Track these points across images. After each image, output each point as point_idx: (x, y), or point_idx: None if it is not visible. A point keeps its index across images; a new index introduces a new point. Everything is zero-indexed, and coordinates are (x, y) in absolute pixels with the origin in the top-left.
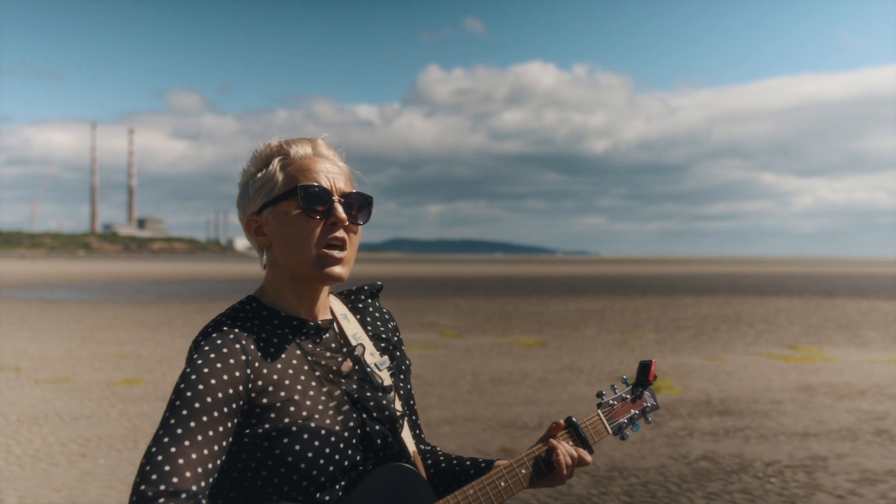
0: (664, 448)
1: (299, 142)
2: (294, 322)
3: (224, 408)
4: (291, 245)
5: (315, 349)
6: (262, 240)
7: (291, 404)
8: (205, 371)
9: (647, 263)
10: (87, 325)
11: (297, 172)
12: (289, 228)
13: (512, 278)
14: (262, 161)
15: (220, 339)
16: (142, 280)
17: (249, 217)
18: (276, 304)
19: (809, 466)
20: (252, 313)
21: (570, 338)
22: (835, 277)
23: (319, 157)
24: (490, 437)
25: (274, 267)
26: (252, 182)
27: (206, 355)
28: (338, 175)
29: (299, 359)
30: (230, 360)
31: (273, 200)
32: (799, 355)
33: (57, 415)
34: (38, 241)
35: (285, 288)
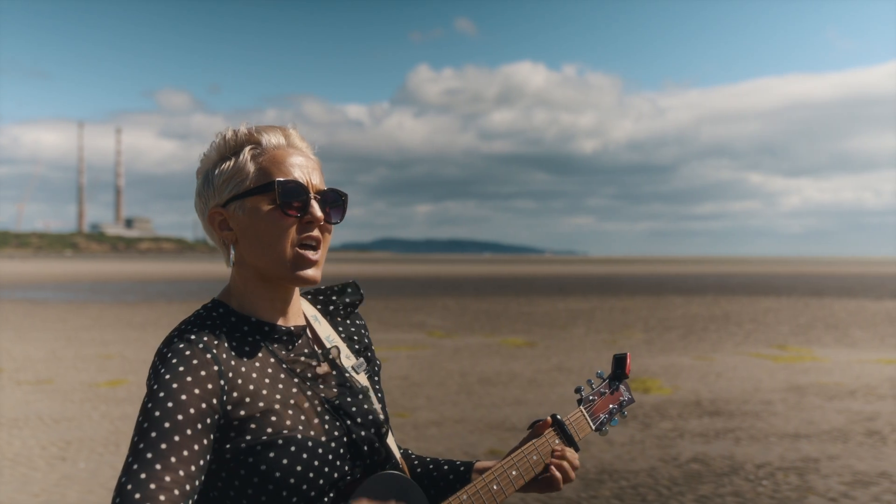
0: (654, 450)
1: (270, 130)
2: (265, 328)
3: (198, 424)
4: (263, 243)
5: (289, 355)
6: (227, 234)
7: (272, 415)
8: (174, 386)
9: (636, 263)
10: (71, 325)
11: (270, 165)
12: (260, 225)
13: (501, 278)
14: (229, 149)
15: (189, 350)
16: (128, 280)
17: (213, 209)
18: (244, 308)
19: (801, 468)
20: (220, 320)
21: (559, 338)
22: (822, 277)
23: (293, 148)
24: (478, 438)
25: (241, 266)
26: (218, 171)
27: (174, 368)
28: (312, 170)
29: (274, 367)
30: (201, 372)
31: (244, 193)
32: (788, 355)
33: (38, 417)
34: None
35: (255, 290)
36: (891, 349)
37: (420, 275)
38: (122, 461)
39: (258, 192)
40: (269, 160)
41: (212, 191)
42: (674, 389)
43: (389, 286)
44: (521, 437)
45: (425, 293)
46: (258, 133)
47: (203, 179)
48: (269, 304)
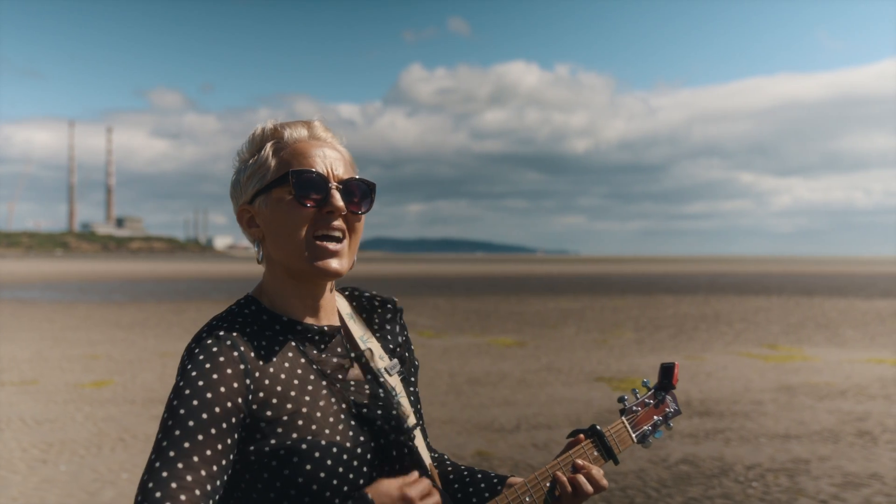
0: (642, 451)
1: (294, 124)
2: (297, 327)
3: (223, 423)
4: (282, 235)
5: (320, 356)
6: (255, 231)
7: (299, 417)
8: (199, 384)
9: (627, 262)
10: (59, 325)
11: (290, 157)
12: (280, 217)
13: (492, 277)
14: (255, 146)
15: (216, 346)
16: (118, 279)
17: (242, 206)
18: (275, 306)
19: (791, 470)
20: (251, 317)
21: (549, 337)
22: (812, 276)
23: (316, 140)
24: (466, 440)
25: (270, 263)
26: (244, 169)
27: (201, 365)
28: (336, 160)
29: (304, 368)
30: (227, 370)
31: (265, 188)
32: (778, 355)
33: (20, 419)
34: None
35: (285, 287)
36: (881, 349)
37: (411, 274)
38: (103, 464)
39: (278, 185)
40: (290, 153)
41: (239, 189)
42: None
43: (381, 286)
44: (509, 440)
45: (416, 293)
46: (281, 128)
47: (234, 179)
48: (300, 302)
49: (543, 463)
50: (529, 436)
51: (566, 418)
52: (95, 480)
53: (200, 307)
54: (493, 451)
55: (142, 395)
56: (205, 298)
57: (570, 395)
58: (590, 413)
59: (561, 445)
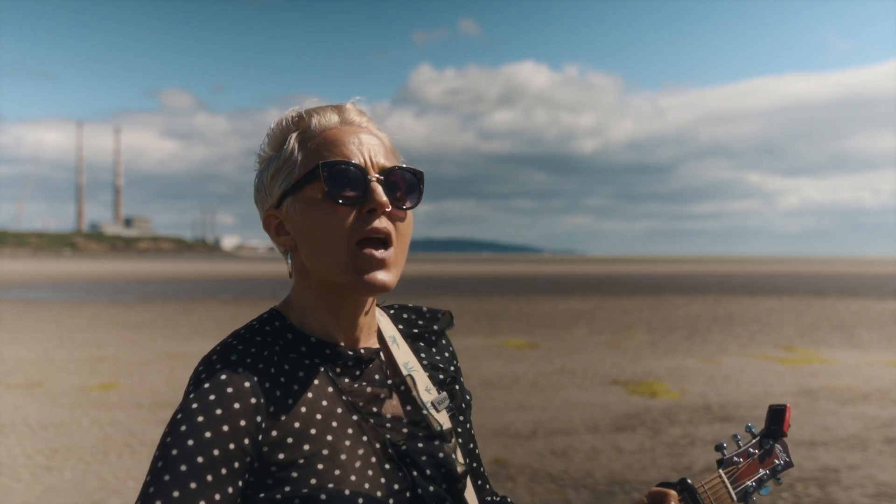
0: (665, 458)
1: (322, 110)
2: (327, 350)
3: (222, 469)
4: (317, 243)
5: (353, 385)
6: (285, 240)
7: (320, 461)
8: (199, 420)
9: (635, 263)
10: (66, 326)
11: (320, 147)
12: (313, 220)
13: (500, 278)
14: (277, 140)
15: (226, 374)
16: (126, 279)
17: (268, 212)
18: (304, 325)
19: (821, 479)
20: (273, 336)
21: (561, 339)
22: (822, 277)
23: (349, 125)
24: (482, 446)
25: (302, 275)
26: (267, 167)
27: (204, 396)
28: (375, 146)
29: (332, 399)
30: (235, 405)
31: (293, 187)
32: (796, 357)
33: (25, 423)
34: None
35: (317, 302)
36: None
37: (419, 274)
38: (109, 471)
39: (307, 182)
40: (319, 142)
41: (264, 192)
42: (681, 393)
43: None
44: (526, 446)
45: (424, 293)
46: (308, 115)
47: (257, 181)
48: (335, 321)
49: (563, 471)
50: (547, 442)
51: (583, 423)
52: (101, 489)
53: (209, 307)
54: (511, 459)
55: (149, 398)
56: (213, 299)
57: (586, 400)
58: (607, 418)
59: (580, 453)
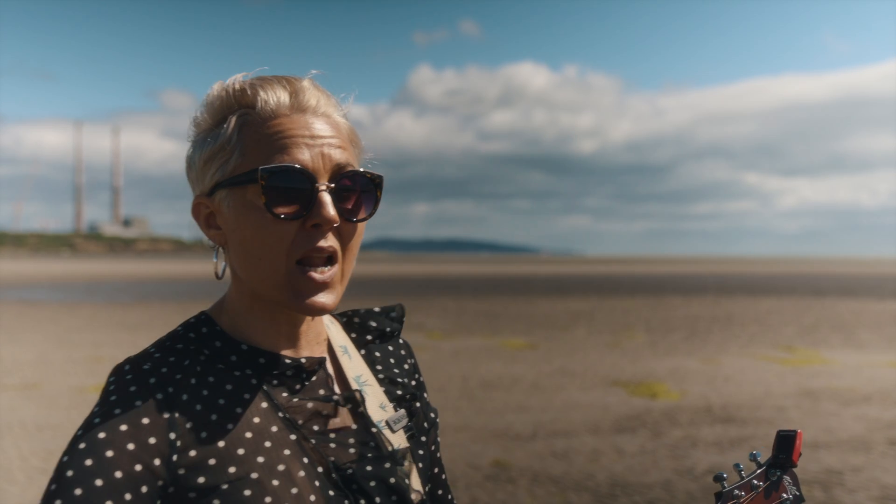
0: (667, 461)
1: (272, 86)
2: (261, 359)
3: (126, 493)
4: (250, 253)
5: (292, 399)
6: (215, 235)
7: (247, 486)
8: (100, 437)
9: (633, 263)
10: (63, 326)
11: (263, 142)
12: (247, 227)
13: (498, 278)
14: (215, 113)
15: (135, 385)
16: (124, 280)
17: (199, 199)
18: (237, 331)
19: (825, 482)
20: (198, 343)
21: (560, 339)
22: (821, 277)
23: (300, 112)
24: (482, 448)
25: (236, 277)
26: (201, 144)
27: (110, 410)
28: (330, 141)
29: (266, 415)
30: (143, 419)
31: (226, 182)
32: (796, 358)
33: (21, 425)
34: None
35: (254, 307)
36: None
37: (418, 275)
38: None
39: (243, 182)
40: (263, 135)
41: (194, 174)
42: (682, 394)
43: (387, 286)
44: (527, 448)
45: (423, 293)
46: (253, 90)
47: (188, 154)
48: (273, 328)
49: (564, 474)
50: (547, 444)
51: (584, 425)
52: None
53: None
54: (511, 461)
55: None
56: (210, 299)
57: (587, 401)
58: (608, 420)
59: (581, 455)
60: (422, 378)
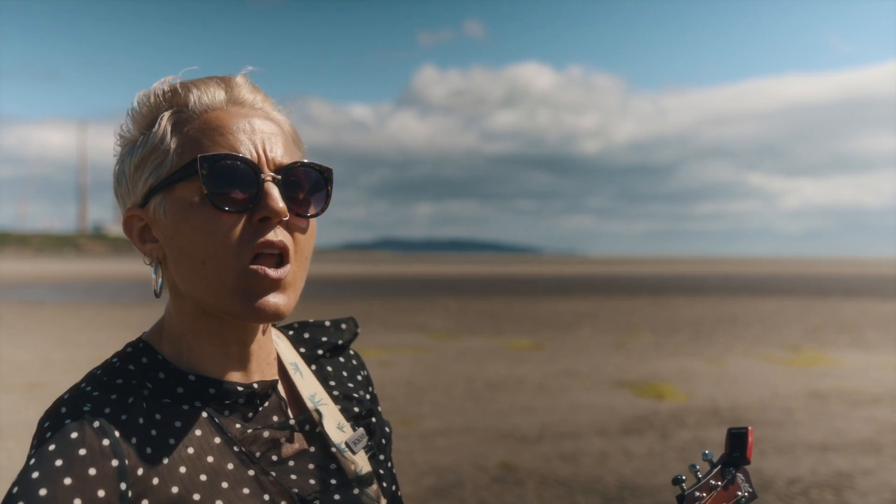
0: (675, 463)
1: (204, 84)
2: (211, 389)
3: None
4: (192, 259)
5: (246, 430)
6: (151, 249)
7: None
8: (41, 494)
9: (636, 263)
10: (66, 326)
11: (199, 134)
12: (187, 230)
13: (502, 278)
14: (144, 118)
15: (76, 431)
16: (127, 280)
17: (130, 211)
18: (181, 359)
19: (836, 485)
20: (139, 376)
21: (565, 340)
22: (825, 277)
23: (239, 106)
24: (488, 450)
25: (176, 295)
26: (130, 153)
27: (49, 462)
28: (272, 135)
29: (220, 452)
30: (89, 470)
31: (163, 183)
32: (802, 359)
33: (24, 426)
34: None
35: (198, 329)
36: None
37: (421, 275)
38: None
39: (181, 178)
40: (199, 128)
41: (125, 185)
42: (689, 395)
43: (390, 286)
44: (533, 450)
45: (427, 293)
46: (184, 90)
47: (116, 169)
48: (221, 351)
49: (572, 476)
50: (554, 446)
51: (591, 426)
52: None
53: None
54: (518, 463)
55: None
56: None
57: (593, 402)
58: (615, 421)
59: (588, 456)
60: (374, 391)
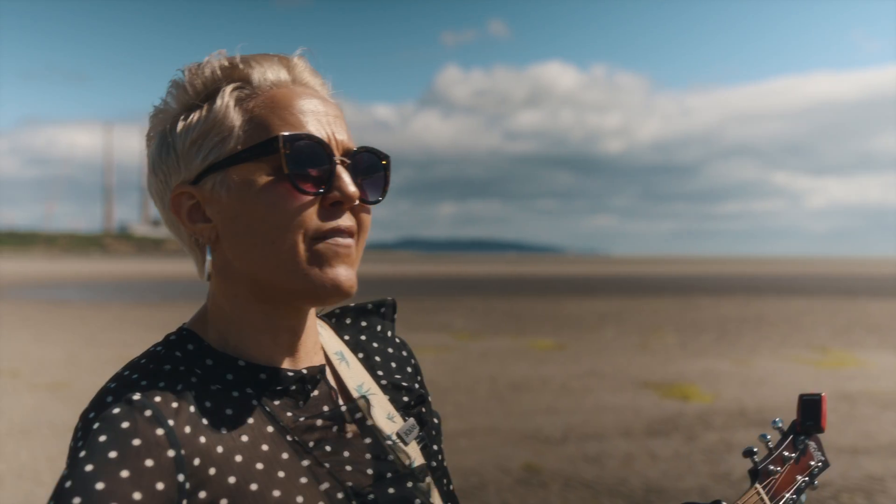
0: (703, 465)
1: (265, 61)
2: (262, 374)
3: None
4: (263, 238)
5: (298, 419)
6: (201, 228)
7: None
8: (98, 488)
9: (660, 263)
10: (92, 326)
11: (268, 112)
12: (258, 208)
13: (525, 278)
14: (197, 92)
15: (128, 420)
16: (152, 280)
17: (179, 188)
18: (228, 345)
19: (867, 489)
20: (187, 363)
21: (588, 340)
22: (852, 277)
23: (301, 86)
24: (512, 451)
25: (226, 277)
26: (183, 129)
27: (101, 453)
28: (336, 118)
29: (273, 441)
30: (145, 462)
31: (227, 160)
32: (830, 360)
33: (49, 425)
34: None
35: (247, 314)
36: None
37: (444, 275)
38: None
39: (251, 157)
40: (266, 105)
41: (174, 160)
42: (715, 397)
43: (413, 286)
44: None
45: (449, 293)
46: (246, 65)
47: (158, 145)
48: (270, 337)
49: (597, 478)
50: (579, 447)
51: (616, 428)
52: None
53: None
54: (542, 464)
55: None
56: None
57: (617, 403)
58: (640, 423)
59: (613, 458)
60: (422, 378)
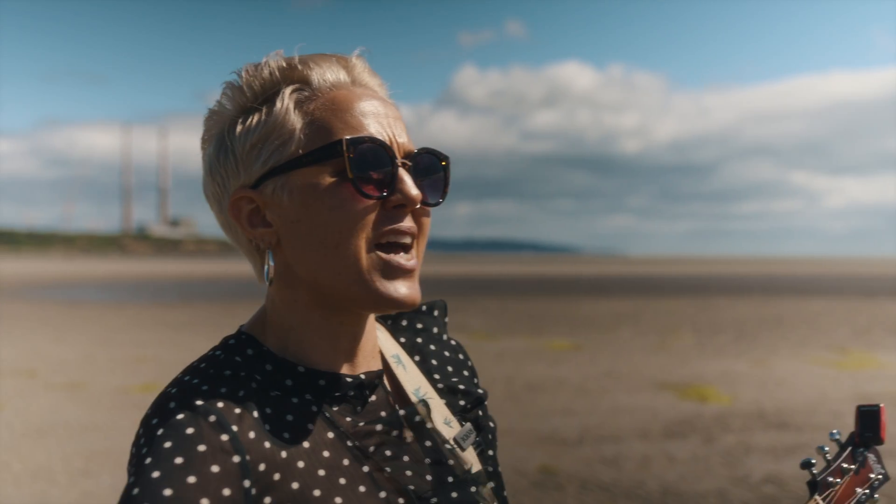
0: (721, 468)
1: (325, 60)
2: (321, 381)
3: None
4: (325, 243)
5: (357, 424)
6: (262, 233)
7: None
8: (165, 494)
9: (677, 263)
10: (109, 325)
11: (329, 115)
12: (321, 213)
13: (541, 278)
14: (256, 94)
15: (193, 426)
16: (170, 280)
17: (239, 193)
18: (288, 350)
19: (891, 494)
20: (248, 368)
21: (605, 341)
22: (871, 278)
23: (361, 87)
24: (528, 453)
25: (288, 284)
26: (242, 132)
27: (168, 459)
28: (396, 120)
29: (334, 447)
30: (212, 468)
31: (288, 164)
32: (850, 361)
33: (65, 425)
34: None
35: (308, 320)
36: None
37: (460, 275)
38: None
39: (313, 161)
40: (327, 107)
41: (232, 164)
42: (733, 399)
43: (429, 286)
44: (573, 453)
45: (465, 293)
46: (304, 66)
47: (216, 148)
48: (330, 343)
49: (614, 481)
50: (596, 449)
51: (633, 430)
52: None
53: (251, 307)
54: (559, 466)
55: None
56: (256, 298)
57: (634, 404)
58: (657, 424)
59: (630, 460)
60: (479, 381)
